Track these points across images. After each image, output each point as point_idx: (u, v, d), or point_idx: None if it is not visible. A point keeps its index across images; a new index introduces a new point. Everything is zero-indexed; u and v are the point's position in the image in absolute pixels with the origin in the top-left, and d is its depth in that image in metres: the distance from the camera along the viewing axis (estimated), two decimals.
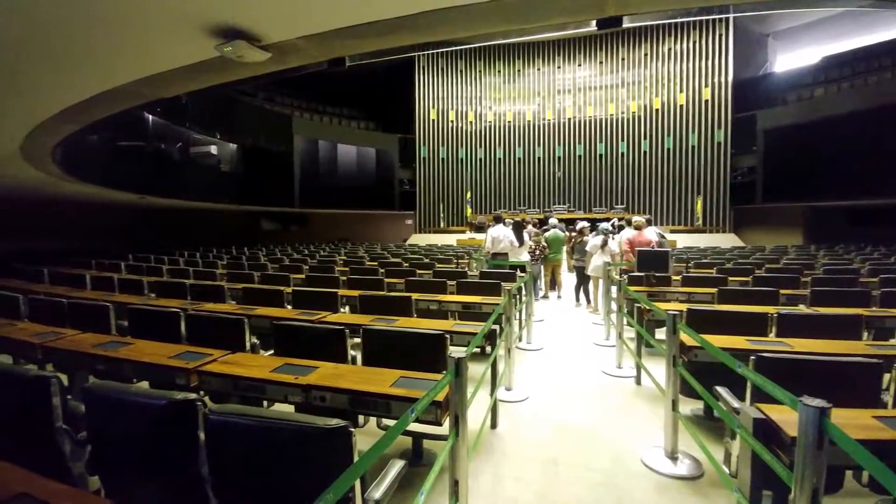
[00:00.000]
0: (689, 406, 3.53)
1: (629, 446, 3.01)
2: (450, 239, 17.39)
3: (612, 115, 19.38)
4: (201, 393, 2.49)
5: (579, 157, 19.74)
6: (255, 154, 16.47)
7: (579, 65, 20.02)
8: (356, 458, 1.42)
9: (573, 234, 9.16)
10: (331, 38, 2.50)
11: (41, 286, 6.10)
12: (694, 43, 18.05)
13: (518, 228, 7.55)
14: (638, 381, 4.21)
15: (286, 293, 4.67)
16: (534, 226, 9.48)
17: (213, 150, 14.57)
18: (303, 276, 6.46)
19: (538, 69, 20.48)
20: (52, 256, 9.88)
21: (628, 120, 19.13)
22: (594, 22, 2.55)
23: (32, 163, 6.36)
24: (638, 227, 7.01)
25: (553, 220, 9.23)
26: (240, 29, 2.41)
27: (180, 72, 3.13)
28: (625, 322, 4.76)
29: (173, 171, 12.61)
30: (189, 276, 6.91)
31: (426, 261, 8.74)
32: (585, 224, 8.47)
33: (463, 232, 18.59)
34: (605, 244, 7.25)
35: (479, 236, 15.70)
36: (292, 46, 2.63)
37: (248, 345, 3.09)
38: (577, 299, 8.29)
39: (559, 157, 20.00)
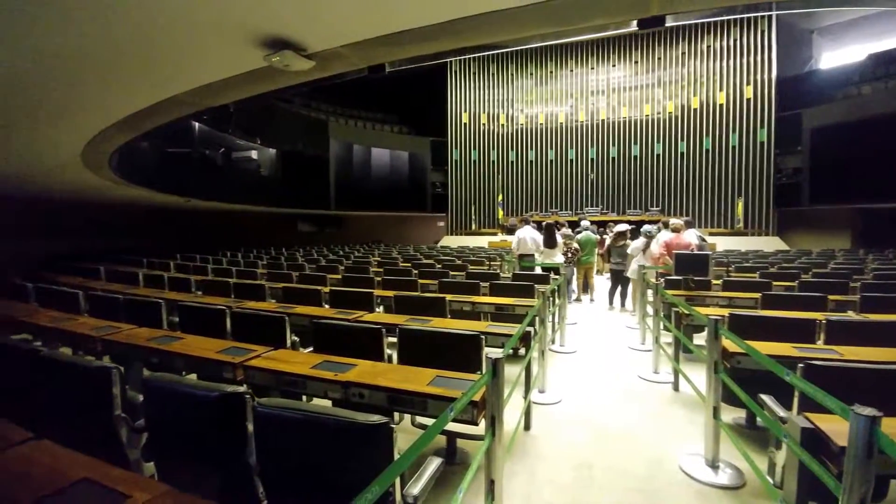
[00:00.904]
0: (729, 414, 3.42)
1: (667, 453, 2.95)
2: (481, 241, 17.40)
3: (647, 115, 18.91)
4: (245, 386, 2.61)
5: (613, 158, 19.36)
6: (292, 158, 17.00)
7: (613, 65, 19.64)
8: (396, 454, 1.47)
9: (604, 236, 9.03)
10: (372, 45, 2.58)
11: (98, 283, 6.51)
12: (735, 40, 17.40)
13: (550, 231, 7.51)
14: (676, 387, 4.11)
15: (324, 293, 4.80)
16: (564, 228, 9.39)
17: (254, 155, 15.15)
18: (339, 276, 6.62)
19: (571, 71, 20.23)
20: (107, 255, 10.49)
21: (665, 120, 18.61)
22: (635, 22, 2.52)
23: (91, 169, 6.80)
24: (676, 230, 6.82)
25: (585, 223, 9.11)
26: (287, 39, 2.53)
27: (230, 81, 3.30)
28: (661, 326, 4.67)
29: (216, 176, 13.18)
30: (232, 275, 7.20)
31: (458, 262, 8.78)
32: (625, 226, 8.31)
33: (494, 234, 18.55)
34: (647, 247, 7.09)
35: (510, 238, 15.63)
36: (335, 55, 2.73)
37: (288, 342, 3.20)
38: (611, 303, 8.14)
39: (592, 159, 19.68)
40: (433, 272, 6.79)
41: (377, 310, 4.54)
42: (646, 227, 7.60)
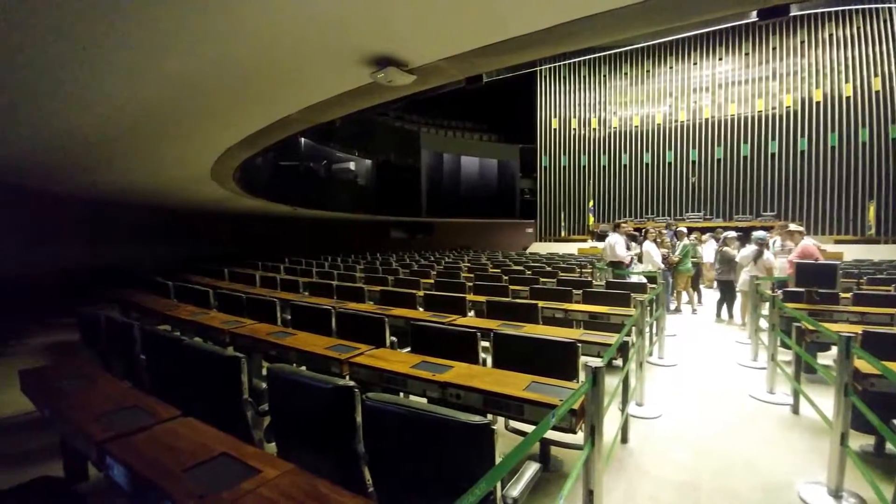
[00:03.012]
0: (856, 441, 3.00)
1: (784, 479, 2.69)
2: (571, 248, 16.87)
3: (760, 111, 17.01)
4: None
5: (718, 160, 17.68)
6: (387, 168, 17.95)
7: (720, 59, 17.98)
8: (497, 455, 1.49)
9: (697, 243, 8.36)
10: (471, 57, 2.66)
11: (223, 282, 7.38)
12: (858, 28, 15.14)
13: (636, 240, 7.14)
14: (795, 410, 3.69)
15: (418, 296, 4.99)
16: (659, 234, 8.78)
17: (352, 166, 16.23)
18: (431, 280, 6.83)
19: (670, 68, 18.91)
20: (229, 258, 11.85)
21: (781, 116, 16.61)
22: (755, 13, 2.31)
23: (218, 182, 7.76)
24: (790, 237, 6.09)
25: (682, 229, 8.52)
26: (391, 57, 2.70)
27: (337, 99, 3.60)
28: (778, 343, 4.21)
29: (319, 186, 14.34)
30: (334, 277, 7.75)
31: (548, 269, 8.62)
32: (731, 234, 7.60)
33: (584, 241, 17.89)
34: (759, 256, 6.40)
35: (601, 245, 14.99)
36: (434, 68, 2.86)
37: (387, 341, 3.37)
38: (718, 314, 7.45)
39: (694, 161, 18.15)
40: (523, 278, 6.74)
41: (469, 314, 4.61)
42: (757, 234, 6.87)
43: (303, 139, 13.12)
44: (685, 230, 8.86)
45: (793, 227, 6.36)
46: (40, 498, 1.81)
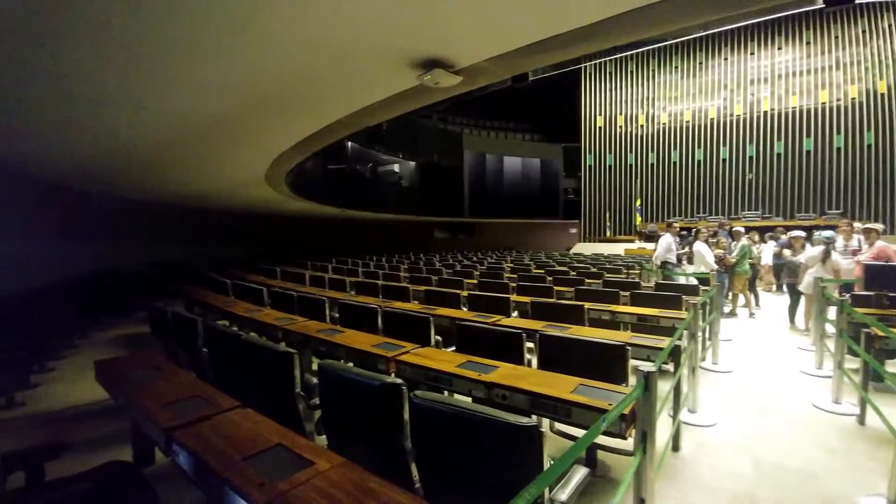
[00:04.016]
0: None
1: (843, 491, 2.55)
2: (617, 248, 16.37)
3: (823, 103, 15.87)
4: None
5: (778, 155, 16.63)
6: (430, 170, 18.15)
7: (779, 48, 16.91)
8: (545, 458, 1.48)
9: (753, 243, 7.89)
10: (517, 56, 2.65)
11: (276, 281, 7.70)
12: None
13: (688, 241, 6.83)
14: (861, 421, 3.46)
15: (462, 296, 5.01)
16: (712, 236, 8.35)
17: (396, 168, 16.53)
18: (474, 280, 6.84)
19: (725, 59, 17.97)
20: (280, 257, 12.35)
21: (845, 108, 15.43)
22: (821, 0, 2.16)
23: (271, 185, 8.11)
24: (868, 235, 5.63)
25: (739, 229, 8.08)
26: (437, 58, 2.74)
27: (385, 102, 3.69)
28: (845, 350, 3.93)
29: (364, 188, 14.69)
30: (379, 277, 7.91)
31: (594, 270, 8.42)
32: (798, 233, 7.11)
33: (631, 241, 17.31)
34: (827, 256, 5.97)
35: (649, 246, 14.45)
36: (480, 69, 2.87)
37: (432, 340, 3.40)
38: (792, 320, 6.98)
39: (751, 157, 17.15)
40: (568, 279, 6.62)
41: (512, 314, 4.58)
42: (824, 233, 6.40)
43: (349, 143, 13.49)
44: (741, 230, 8.39)
45: (872, 225, 5.88)
46: (112, 481, 1.95)
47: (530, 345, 2.96)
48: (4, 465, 1.84)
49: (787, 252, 6.85)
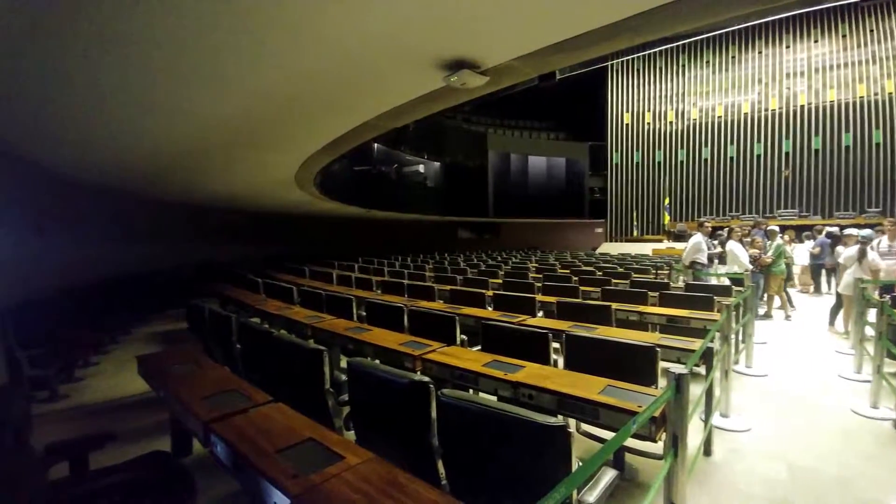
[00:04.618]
0: None
1: (881, 498, 2.48)
2: (644, 248, 16.05)
3: (861, 97, 15.16)
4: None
5: (816, 150, 15.97)
6: (454, 170, 18.21)
7: (815, 41, 16.25)
8: (573, 458, 1.48)
9: (789, 243, 7.59)
10: (545, 54, 2.63)
11: (304, 280, 7.87)
12: None
13: (720, 242, 6.63)
14: None
15: (487, 296, 5.02)
16: (746, 235, 8.09)
17: (421, 168, 16.65)
18: (499, 280, 6.83)
19: (759, 52, 17.37)
20: (308, 257, 12.60)
21: (884, 102, 14.69)
22: None
23: (301, 187, 8.29)
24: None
25: (774, 228, 7.81)
26: (464, 59, 2.75)
27: (411, 103, 3.73)
28: (884, 353, 3.77)
29: (389, 188, 14.86)
30: (404, 277, 7.98)
31: (621, 270, 8.28)
32: (852, 231, 6.79)
33: (660, 241, 16.93)
34: (863, 256, 5.72)
35: (678, 245, 14.10)
36: (507, 68, 2.87)
37: (458, 340, 3.42)
38: (832, 322, 6.72)
39: (787, 153, 16.52)
40: (594, 279, 6.54)
41: (538, 314, 4.56)
42: (863, 232, 6.12)
43: (375, 144, 13.66)
44: (777, 229, 8.10)
45: None
46: (154, 470, 2.05)
47: (556, 345, 2.94)
48: (49, 456, 1.95)
49: (840, 249, 6.56)
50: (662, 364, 2.54)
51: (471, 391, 2.90)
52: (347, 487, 1.39)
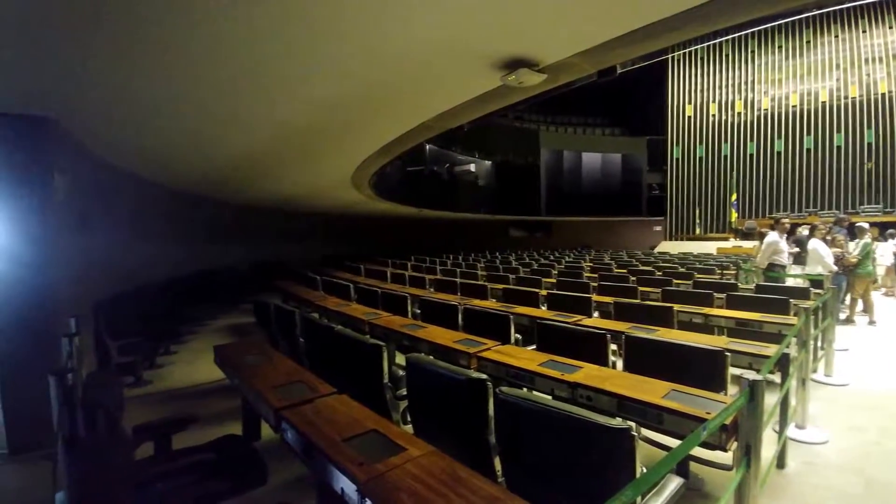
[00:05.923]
0: None
1: None
2: (708, 247, 15.16)
3: None
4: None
5: None
6: (506, 169, 18.10)
7: (890, 27, 14.71)
8: (637, 462, 1.44)
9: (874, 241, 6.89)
10: (604, 49, 2.56)
11: (360, 278, 8.13)
12: None
13: (800, 243, 6.13)
14: None
15: (541, 295, 4.96)
16: (828, 232, 7.43)
17: (472, 167, 16.67)
18: (553, 280, 6.72)
19: (835, 36, 15.90)
20: (363, 256, 12.98)
21: None
22: None
23: (356, 188, 8.56)
24: None
25: (863, 225, 7.12)
26: (522, 58, 2.74)
27: (468, 104, 3.76)
28: None
29: (442, 188, 15.01)
30: (457, 275, 8.04)
31: (682, 270, 7.90)
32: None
33: (726, 239, 15.92)
34: None
35: (746, 244, 13.20)
36: (566, 64, 2.82)
37: (512, 338, 3.42)
38: None
39: (869, 144, 15.02)
40: (653, 279, 6.29)
41: (593, 315, 4.46)
42: None
43: (428, 145, 13.83)
44: (865, 225, 7.39)
45: None
46: (229, 452, 2.20)
47: (614, 346, 2.87)
48: (136, 436, 2.14)
49: None
50: (732, 370, 2.42)
51: (525, 390, 2.91)
52: (410, 478, 1.44)
